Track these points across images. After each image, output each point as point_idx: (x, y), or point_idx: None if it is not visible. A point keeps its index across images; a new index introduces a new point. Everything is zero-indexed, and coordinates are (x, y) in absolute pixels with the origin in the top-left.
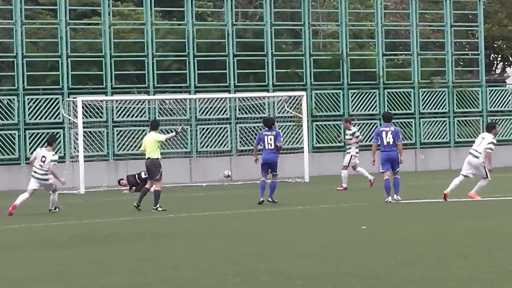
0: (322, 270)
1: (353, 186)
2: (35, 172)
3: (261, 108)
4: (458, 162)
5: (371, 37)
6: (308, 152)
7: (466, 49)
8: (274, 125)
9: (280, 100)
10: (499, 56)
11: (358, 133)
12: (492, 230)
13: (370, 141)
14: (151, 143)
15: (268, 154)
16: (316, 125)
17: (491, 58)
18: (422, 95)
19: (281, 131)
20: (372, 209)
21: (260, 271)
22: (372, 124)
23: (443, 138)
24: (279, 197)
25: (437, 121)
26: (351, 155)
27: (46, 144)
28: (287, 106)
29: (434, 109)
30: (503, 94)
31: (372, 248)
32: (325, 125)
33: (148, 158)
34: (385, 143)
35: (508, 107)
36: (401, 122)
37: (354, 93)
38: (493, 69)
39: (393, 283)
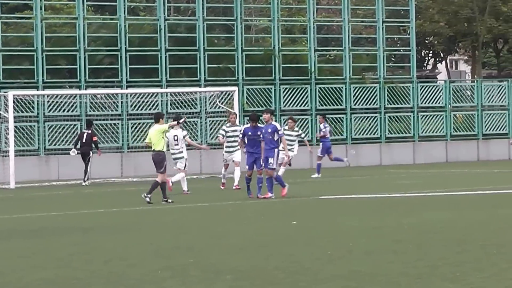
0: (252, 264)
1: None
2: (172, 154)
3: (193, 103)
4: (389, 158)
5: (303, 32)
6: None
7: (398, 44)
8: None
9: (212, 95)
10: (431, 52)
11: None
12: (422, 225)
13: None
14: (154, 135)
15: None
16: (248, 120)
17: (423, 54)
18: (354, 90)
19: (212, 127)
20: (302, 204)
21: (189, 266)
22: (304, 119)
23: (374, 134)
24: (209, 192)
25: (368, 117)
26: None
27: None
28: (219, 101)
29: (366, 104)
30: (434, 90)
31: (301, 243)
32: None
33: (153, 150)
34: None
35: (439, 103)
36: (332, 118)
37: (286, 88)
38: (425, 65)
39: (323, 278)
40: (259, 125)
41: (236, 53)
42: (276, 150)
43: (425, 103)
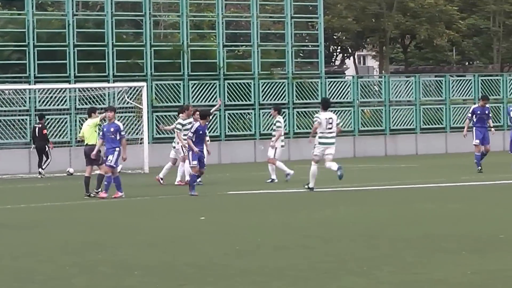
0: (161, 260)
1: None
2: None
3: (102, 98)
4: (297, 153)
5: (212, 28)
6: (148, 143)
7: (306, 40)
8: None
9: (121, 91)
10: (339, 47)
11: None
12: (330, 220)
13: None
14: (87, 129)
15: None
16: (157, 115)
17: (331, 50)
18: (262, 86)
19: (121, 122)
20: (211, 200)
21: (99, 262)
22: (213, 115)
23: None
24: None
25: None
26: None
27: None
28: (128, 97)
29: (274, 100)
30: (342, 86)
31: (210, 238)
32: (165, 115)
33: (87, 144)
34: None
35: (347, 98)
36: (241, 113)
37: (195, 84)
38: (333, 60)
39: (231, 273)
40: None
41: (145, 48)
42: (117, 149)
43: (333, 98)
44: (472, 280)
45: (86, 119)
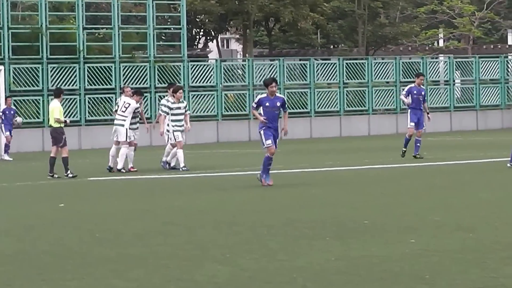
0: (17, 249)
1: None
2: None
3: None
4: (158, 138)
5: (72, 10)
6: None
7: (168, 23)
8: None
9: None
10: (202, 30)
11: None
12: (192, 206)
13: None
14: (52, 112)
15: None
16: (15, 100)
17: (194, 33)
18: (124, 70)
19: None
20: (70, 186)
21: None
22: (72, 100)
23: (145, 114)
24: None
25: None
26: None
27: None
28: None
29: (136, 84)
30: (205, 69)
31: (69, 226)
32: (24, 100)
33: (50, 126)
34: None
35: (210, 82)
36: (102, 98)
37: (54, 67)
38: (196, 43)
39: (90, 261)
40: (278, 95)
41: (2, 31)
42: None
43: (196, 82)
44: (336, 266)
45: None
